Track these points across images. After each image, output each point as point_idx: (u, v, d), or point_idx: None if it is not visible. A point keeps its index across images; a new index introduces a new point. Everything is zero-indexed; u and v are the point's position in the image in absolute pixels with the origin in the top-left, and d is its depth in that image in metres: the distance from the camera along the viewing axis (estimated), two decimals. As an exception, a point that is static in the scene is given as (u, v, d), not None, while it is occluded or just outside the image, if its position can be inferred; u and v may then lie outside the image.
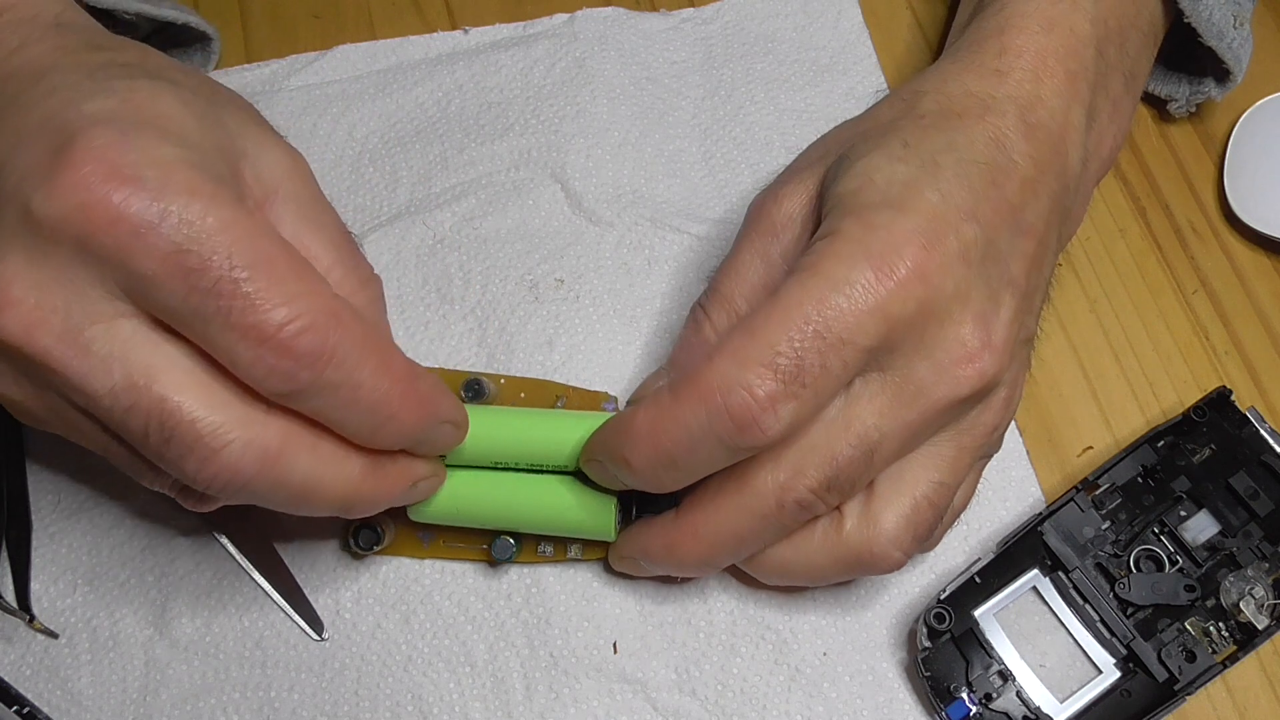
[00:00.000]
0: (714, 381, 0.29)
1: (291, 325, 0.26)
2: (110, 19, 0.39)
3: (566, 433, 0.33)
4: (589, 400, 0.36)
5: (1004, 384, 0.32)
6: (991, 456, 0.35)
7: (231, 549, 0.37)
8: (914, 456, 0.32)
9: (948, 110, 0.33)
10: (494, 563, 0.37)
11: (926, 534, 0.32)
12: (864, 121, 0.35)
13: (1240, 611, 0.35)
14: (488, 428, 0.34)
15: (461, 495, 0.34)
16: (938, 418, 0.31)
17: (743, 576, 0.37)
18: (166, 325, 0.27)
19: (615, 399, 0.36)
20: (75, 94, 0.28)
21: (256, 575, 0.37)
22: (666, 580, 0.37)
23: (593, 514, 0.34)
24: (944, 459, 0.32)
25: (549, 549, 0.37)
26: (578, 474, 0.34)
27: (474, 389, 0.35)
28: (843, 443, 0.30)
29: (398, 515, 0.36)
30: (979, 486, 0.36)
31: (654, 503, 0.34)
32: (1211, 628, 0.36)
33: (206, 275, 0.25)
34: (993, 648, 0.35)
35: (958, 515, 0.36)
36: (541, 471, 0.34)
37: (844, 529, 0.32)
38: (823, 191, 0.33)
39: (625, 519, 0.35)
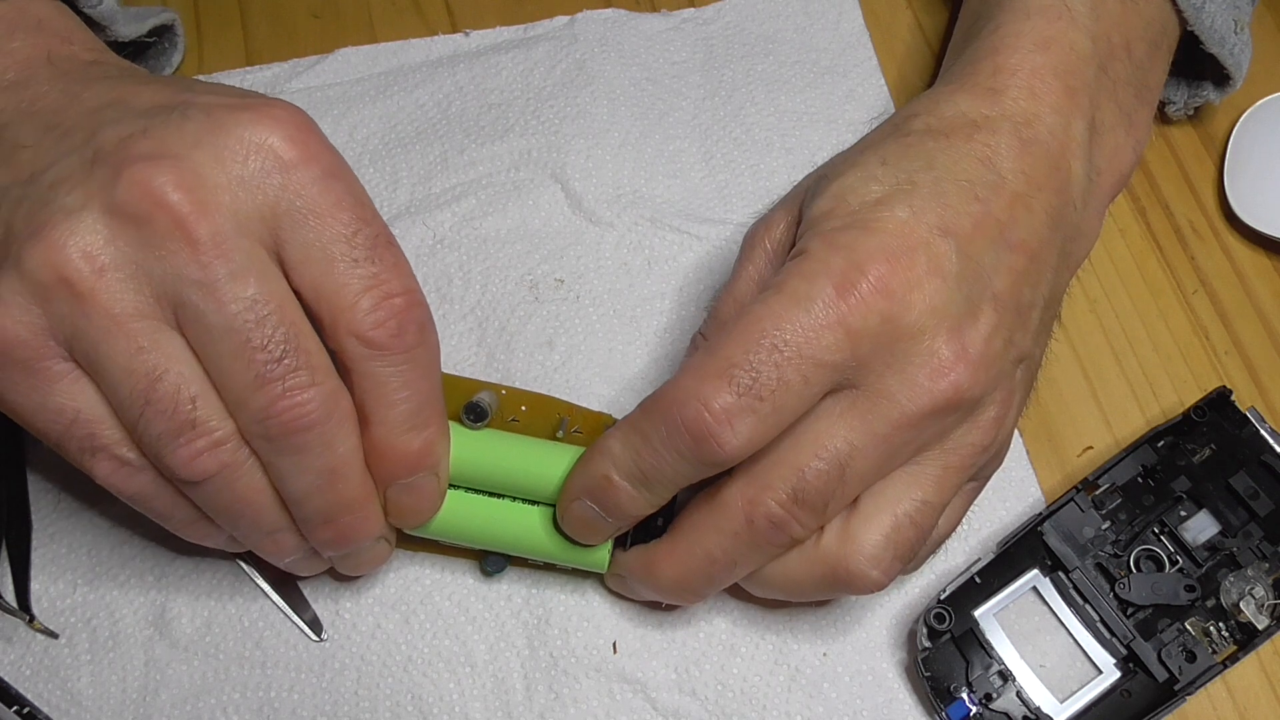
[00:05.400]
0: (674, 395, 0.29)
1: (415, 293, 0.30)
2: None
3: (564, 470, 0.33)
4: (593, 421, 0.35)
5: (991, 402, 0.32)
6: (985, 480, 0.35)
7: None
8: (897, 475, 0.32)
9: (935, 130, 0.33)
10: (486, 573, 0.37)
11: (908, 553, 0.32)
12: (853, 147, 0.35)
13: (1240, 611, 0.35)
14: (485, 455, 0.33)
15: (457, 521, 0.34)
16: (912, 431, 0.30)
17: (735, 585, 0.37)
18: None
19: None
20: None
21: (256, 576, 0.37)
22: (655, 606, 0.37)
23: (588, 551, 0.34)
24: (928, 478, 0.32)
25: (540, 562, 0.37)
26: None
27: (475, 412, 0.34)
28: (810, 455, 0.30)
29: None
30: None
31: (646, 533, 0.34)
32: (1211, 628, 0.36)
33: (371, 227, 0.29)
34: (993, 648, 0.35)
35: (942, 541, 0.35)
36: (537, 502, 0.34)
37: (821, 541, 0.32)
38: (801, 212, 0.33)
39: (620, 548, 0.35)
